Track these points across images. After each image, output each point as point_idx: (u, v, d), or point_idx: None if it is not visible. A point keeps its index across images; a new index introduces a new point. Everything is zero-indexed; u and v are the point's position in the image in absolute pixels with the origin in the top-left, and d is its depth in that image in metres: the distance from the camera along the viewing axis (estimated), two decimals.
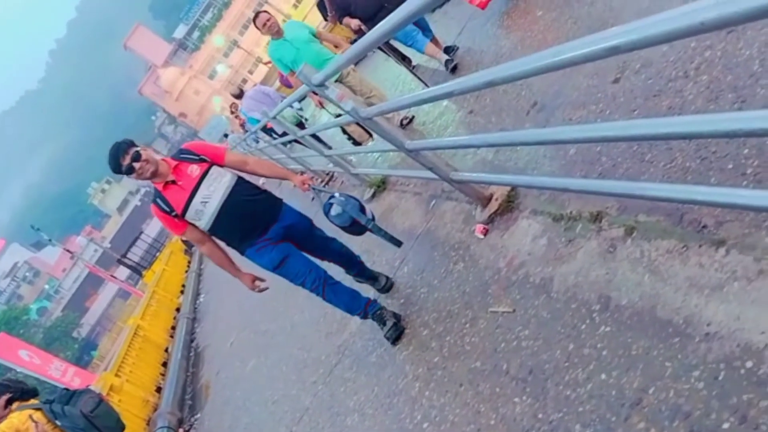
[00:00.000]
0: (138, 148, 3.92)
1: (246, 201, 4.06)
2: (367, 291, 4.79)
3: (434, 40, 7.33)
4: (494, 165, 4.28)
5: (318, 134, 8.70)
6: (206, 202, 3.97)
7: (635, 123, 1.78)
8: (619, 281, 2.61)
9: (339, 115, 6.59)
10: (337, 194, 4.31)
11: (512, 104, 4.78)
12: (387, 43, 6.86)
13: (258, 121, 9.07)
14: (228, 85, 73.49)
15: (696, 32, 1.18)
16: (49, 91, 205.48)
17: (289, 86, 12.77)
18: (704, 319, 2.13)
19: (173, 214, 3.99)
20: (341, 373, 4.64)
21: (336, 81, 6.69)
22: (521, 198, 3.76)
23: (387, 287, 4.82)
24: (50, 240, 43.15)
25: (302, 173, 10.03)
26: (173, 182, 3.98)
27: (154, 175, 3.95)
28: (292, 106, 7.69)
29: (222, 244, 4.28)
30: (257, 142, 12.29)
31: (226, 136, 21.70)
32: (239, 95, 12.43)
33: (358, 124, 5.85)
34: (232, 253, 4.28)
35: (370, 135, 7.60)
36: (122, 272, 50.43)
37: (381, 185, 6.74)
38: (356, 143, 8.01)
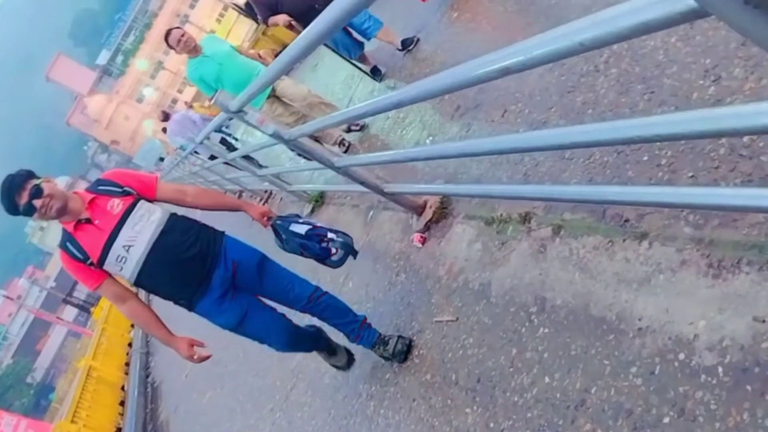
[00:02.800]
0: (38, 181, 3.05)
1: (181, 244, 3.22)
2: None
3: (384, 30, 6.47)
4: (425, 172, 4.28)
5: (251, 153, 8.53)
6: (130, 247, 3.12)
7: (556, 132, 1.79)
8: (552, 281, 2.63)
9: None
10: (330, 232, 3.50)
11: (438, 108, 4.79)
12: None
13: (187, 145, 8.91)
14: (157, 108, 72.19)
15: (577, 52, 1.18)
16: None
17: None
18: (635, 314, 2.16)
19: (88, 262, 3.13)
20: (297, 398, 4.58)
21: (270, 96, 6.24)
22: (454, 204, 3.76)
23: (400, 351, 3.51)
24: None
25: (264, 200, 9.66)
26: (88, 221, 3.14)
27: (62, 212, 3.10)
28: (221, 130, 7.48)
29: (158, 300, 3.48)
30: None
31: (161, 159, 21.20)
32: (166, 119, 12.17)
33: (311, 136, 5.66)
34: (168, 310, 3.61)
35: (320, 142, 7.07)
36: (70, 311, 49.01)
37: (319, 200, 6.69)
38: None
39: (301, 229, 3.45)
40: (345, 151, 6.31)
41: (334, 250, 3.42)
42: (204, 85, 6.18)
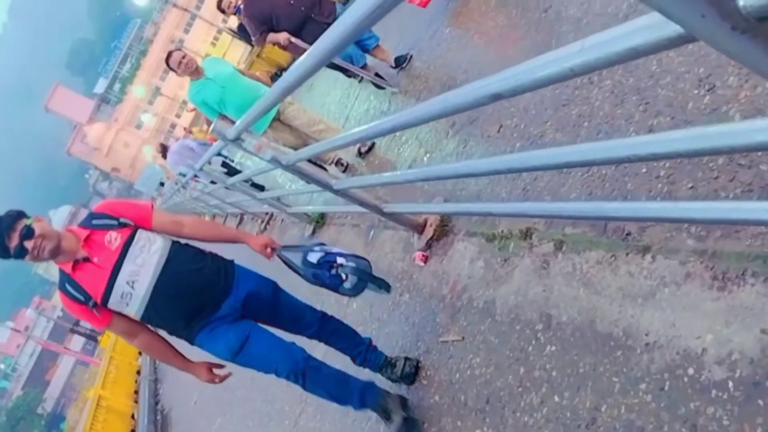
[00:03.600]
0: (28, 221, 2.85)
1: (188, 272, 3.03)
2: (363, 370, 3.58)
3: (378, 47, 6.36)
4: (424, 189, 4.27)
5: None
6: (134, 282, 2.93)
7: (550, 153, 1.77)
8: (557, 298, 2.61)
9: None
10: (339, 257, 3.21)
11: (434, 125, 4.79)
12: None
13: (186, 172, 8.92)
14: (156, 133, 72.62)
15: (567, 78, 1.17)
16: None
17: None
18: (642, 329, 2.13)
19: (91, 303, 2.94)
20: (306, 423, 4.54)
21: (274, 119, 6.07)
22: (454, 221, 3.74)
23: (408, 373, 3.41)
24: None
25: (265, 222, 9.56)
26: (86, 260, 2.95)
27: (56, 253, 2.90)
28: (221, 154, 7.43)
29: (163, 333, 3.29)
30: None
31: (162, 184, 21.14)
32: (164, 152, 12.15)
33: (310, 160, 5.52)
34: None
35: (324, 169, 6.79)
36: (78, 340, 48.97)
37: (320, 220, 6.68)
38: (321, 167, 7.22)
39: (315, 257, 3.23)
40: (344, 171, 6.28)
41: (344, 276, 3.12)
42: (207, 108, 6.01)
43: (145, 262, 2.98)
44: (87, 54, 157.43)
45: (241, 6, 6.28)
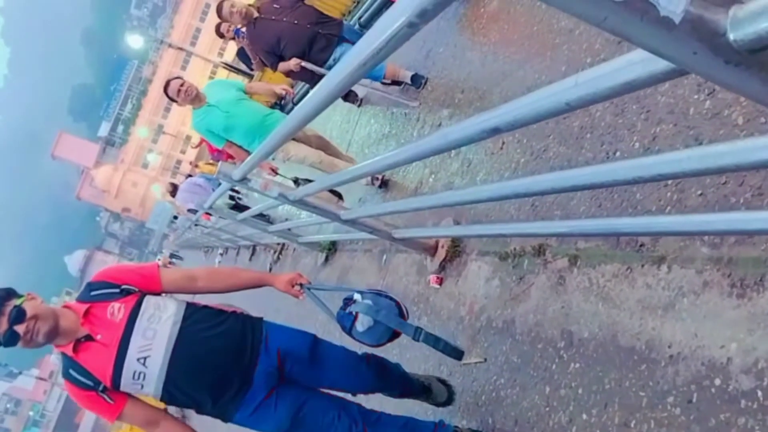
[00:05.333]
0: (18, 301, 2.44)
1: (208, 339, 2.61)
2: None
3: (390, 67, 5.94)
4: (433, 211, 4.27)
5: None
6: (146, 358, 2.51)
7: (555, 177, 1.77)
8: (576, 313, 2.59)
9: (295, 180, 5.70)
10: (358, 294, 2.71)
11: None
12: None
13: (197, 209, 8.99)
14: (163, 171, 73.14)
15: (563, 112, 1.17)
16: None
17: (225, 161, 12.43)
18: (665, 341, 2.11)
19: (100, 388, 2.52)
20: None
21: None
22: (466, 241, 3.73)
23: (449, 398, 3.24)
24: (20, 372, 41.90)
25: (278, 252, 9.41)
26: (88, 338, 2.53)
27: (53, 335, 2.49)
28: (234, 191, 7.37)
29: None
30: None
31: (175, 217, 21.28)
32: (174, 191, 12.24)
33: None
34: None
35: (340, 197, 6.29)
36: None
37: (331, 248, 6.69)
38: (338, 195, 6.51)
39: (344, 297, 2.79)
40: (380, 186, 5.92)
41: (355, 315, 2.63)
42: (212, 136, 5.68)
43: (156, 334, 2.55)
44: (88, 99, 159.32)
45: (241, 30, 6.05)
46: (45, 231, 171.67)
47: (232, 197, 10.26)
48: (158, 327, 2.56)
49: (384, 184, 5.77)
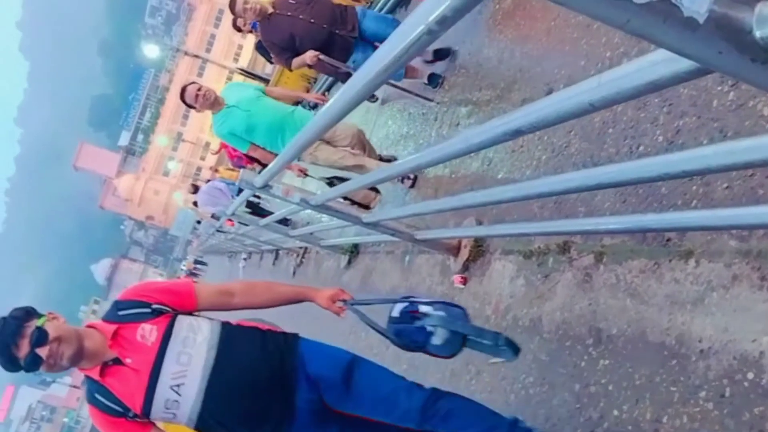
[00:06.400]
0: (39, 321, 2.23)
1: (247, 364, 2.38)
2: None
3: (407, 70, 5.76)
4: (455, 211, 4.26)
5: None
6: (180, 385, 2.29)
7: (580, 175, 1.77)
8: (604, 310, 2.58)
9: (329, 179, 5.82)
10: (426, 306, 2.40)
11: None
12: (347, 74, 5.48)
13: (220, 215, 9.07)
14: (183, 178, 73.80)
15: (587, 113, 1.17)
16: (15, 229, 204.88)
17: (245, 166, 12.41)
18: (695, 336, 2.10)
19: (130, 415, 2.30)
20: None
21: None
22: (489, 240, 3.73)
23: None
24: (53, 380, 42.49)
25: (300, 256, 9.37)
26: (117, 362, 2.31)
27: (78, 358, 2.27)
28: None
29: None
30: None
31: (199, 222, 21.44)
32: (195, 191, 12.42)
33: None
34: None
35: (378, 192, 6.14)
36: None
37: (354, 250, 6.71)
38: (364, 207, 6.19)
39: (396, 311, 2.47)
40: (412, 186, 5.60)
41: (430, 329, 2.32)
42: (235, 139, 5.46)
43: (191, 359, 2.32)
44: (107, 109, 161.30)
45: (258, 23, 5.81)
46: (70, 241, 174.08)
47: (249, 203, 10.35)
48: (193, 351, 2.33)
49: (413, 183, 5.62)
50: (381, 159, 5.75)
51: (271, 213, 8.26)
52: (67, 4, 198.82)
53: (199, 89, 5.33)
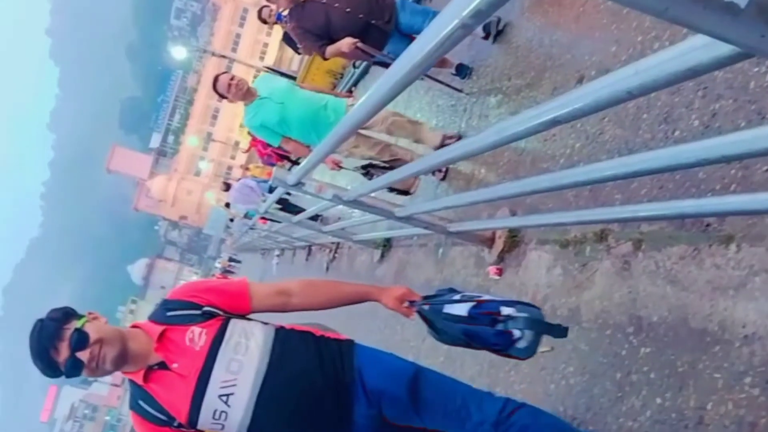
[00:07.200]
0: (78, 322, 2.08)
1: (301, 374, 2.18)
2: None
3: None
4: (488, 203, 4.25)
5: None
6: (230, 396, 2.10)
7: (616, 163, 1.76)
8: (644, 298, 2.56)
9: (364, 168, 5.72)
10: (508, 308, 2.18)
11: None
12: (381, 63, 5.50)
13: (254, 212, 9.18)
14: (215, 177, 74.54)
15: (624, 100, 1.17)
16: (51, 232, 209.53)
17: (275, 163, 12.49)
18: (738, 322, 2.07)
19: (175, 424, 2.13)
20: None
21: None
22: (523, 230, 3.71)
23: None
24: (94, 379, 43.42)
25: (333, 251, 9.39)
26: (162, 366, 2.15)
27: (122, 361, 2.12)
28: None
29: None
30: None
31: (231, 220, 21.56)
32: (227, 188, 12.58)
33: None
34: None
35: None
36: None
37: (386, 245, 6.73)
38: (403, 193, 6.21)
39: (461, 309, 2.25)
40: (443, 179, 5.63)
41: (518, 333, 2.14)
42: (267, 132, 5.36)
43: (242, 368, 2.14)
44: (137, 112, 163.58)
45: (283, 14, 5.68)
46: (106, 243, 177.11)
47: (279, 199, 10.45)
48: (245, 359, 2.15)
49: (445, 176, 5.55)
50: (444, 137, 5.45)
51: (300, 208, 8.33)
52: (93, 10, 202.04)
53: (231, 79, 5.22)
